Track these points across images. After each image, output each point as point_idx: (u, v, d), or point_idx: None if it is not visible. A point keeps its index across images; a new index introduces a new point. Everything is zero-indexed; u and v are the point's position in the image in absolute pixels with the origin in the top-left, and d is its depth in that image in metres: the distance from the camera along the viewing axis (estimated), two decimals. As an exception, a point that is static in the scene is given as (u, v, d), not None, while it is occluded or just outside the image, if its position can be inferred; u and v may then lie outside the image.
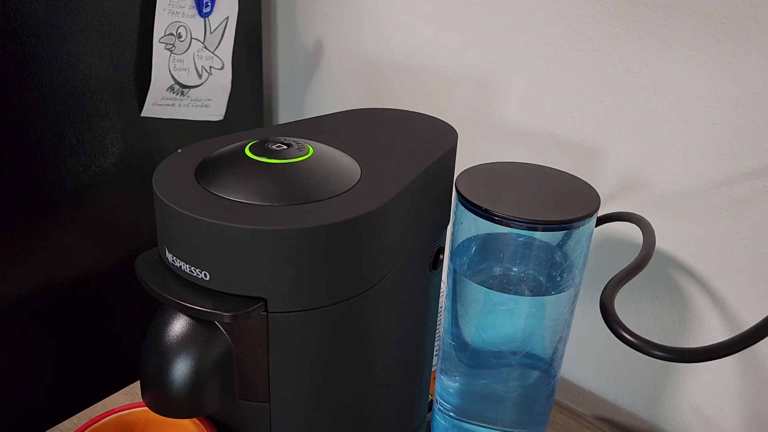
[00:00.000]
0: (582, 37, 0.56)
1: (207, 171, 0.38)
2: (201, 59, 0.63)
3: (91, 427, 0.41)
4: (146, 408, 0.38)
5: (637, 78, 0.55)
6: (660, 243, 0.57)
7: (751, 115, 0.50)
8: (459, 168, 0.48)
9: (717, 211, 0.53)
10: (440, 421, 0.54)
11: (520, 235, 0.46)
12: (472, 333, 0.48)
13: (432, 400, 0.56)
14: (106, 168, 0.58)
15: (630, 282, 0.45)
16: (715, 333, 0.56)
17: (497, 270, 0.47)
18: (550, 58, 0.59)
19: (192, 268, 0.35)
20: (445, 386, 0.52)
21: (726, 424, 0.58)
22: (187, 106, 0.64)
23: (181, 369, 0.36)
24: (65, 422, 0.60)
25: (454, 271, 0.48)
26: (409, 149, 0.44)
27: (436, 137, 0.46)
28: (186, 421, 0.41)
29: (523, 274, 0.47)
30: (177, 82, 0.62)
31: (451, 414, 0.52)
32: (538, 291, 0.47)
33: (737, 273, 0.54)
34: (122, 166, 0.60)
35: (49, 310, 0.57)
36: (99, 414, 0.42)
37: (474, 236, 0.47)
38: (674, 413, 0.61)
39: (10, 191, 0.52)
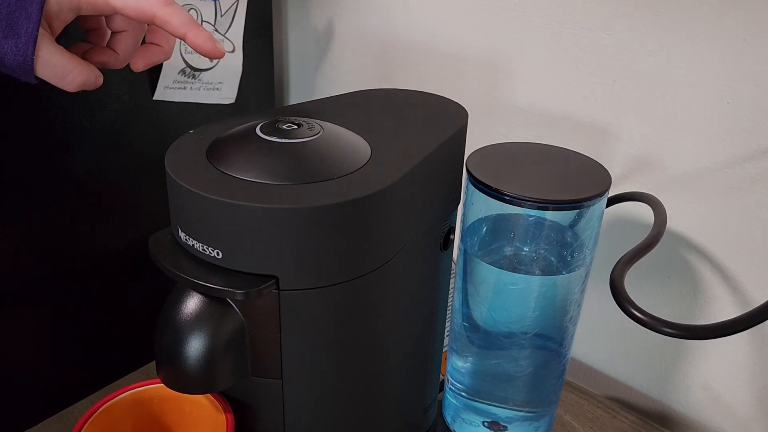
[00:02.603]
0: (594, 16, 0.56)
1: (218, 151, 0.38)
2: (212, 42, 0.63)
3: (107, 403, 0.42)
4: (162, 384, 0.39)
5: (649, 57, 0.54)
6: (672, 223, 0.57)
7: (764, 93, 0.49)
8: (470, 148, 0.48)
9: (729, 190, 0.53)
10: (451, 400, 0.55)
11: (530, 215, 0.46)
12: (482, 313, 0.49)
13: (443, 380, 0.57)
14: (118, 151, 0.59)
15: (642, 263, 0.45)
16: (728, 313, 0.56)
17: (508, 250, 0.47)
18: (561, 38, 0.58)
19: (204, 246, 0.36)
20: (456, 366, 0.53)
21: (736, 403, 0.58)
22: (199, 90, 0.64)
23: (195, 346, 0.36)
24: (83, 401, 0.61)
25: (465, 251, 0.48)
26: (419, 129, 0.44)
27: (446, 117, 0.46)
28: (200, 397, 0.42)
29: (534, 254, 0.47)
30: (188, 66, 0.62)
31: (463, 393, 0.53)
32: (548, 271, 0.47)
33: (750, 252, 0.54)
34: (134, 149, 0.60)
35: (63, 292, 0.58)
36: (115, 391, 0.43)
37: (485, 216, 0.47)
38: (685, 393, 0.61)
39: (22, 174, 0.53)
